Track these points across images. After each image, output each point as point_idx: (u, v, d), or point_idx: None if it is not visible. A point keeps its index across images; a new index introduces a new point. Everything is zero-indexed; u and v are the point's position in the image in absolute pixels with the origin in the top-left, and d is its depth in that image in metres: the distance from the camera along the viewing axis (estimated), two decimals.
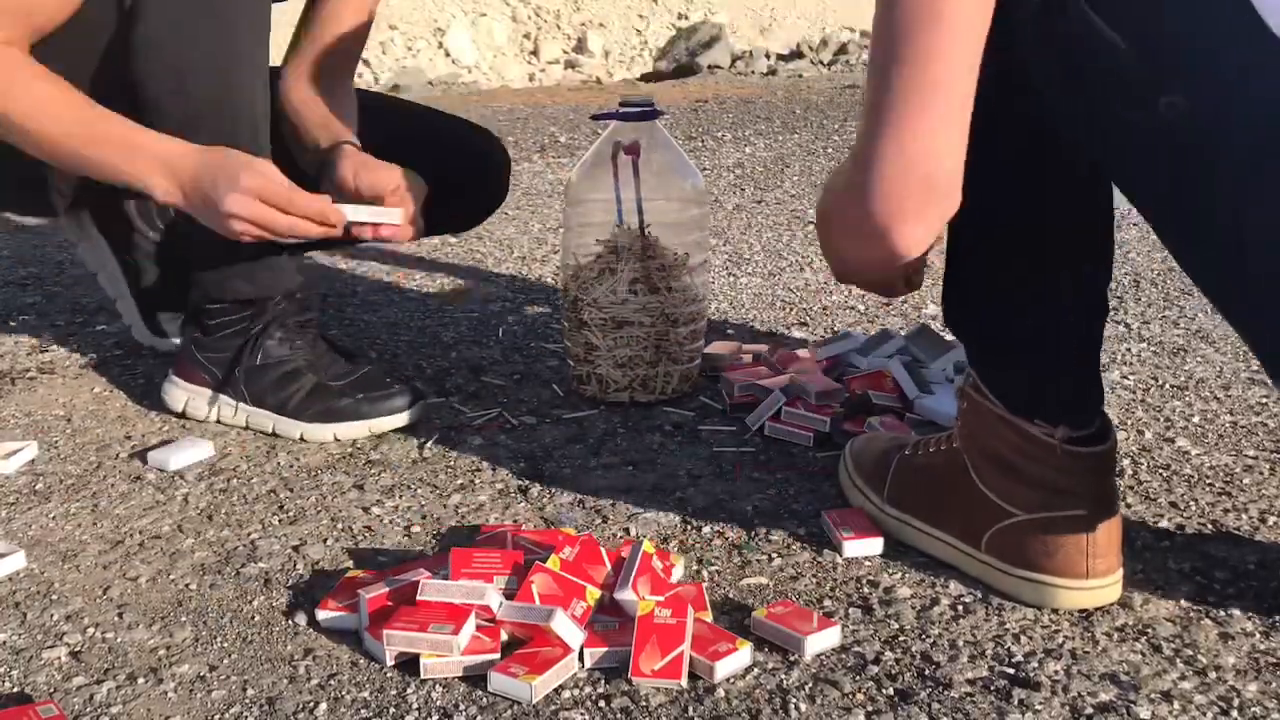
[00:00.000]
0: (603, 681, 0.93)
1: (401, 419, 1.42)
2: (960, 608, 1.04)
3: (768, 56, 5.77)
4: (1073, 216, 1.00)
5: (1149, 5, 0.84)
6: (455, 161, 1.57)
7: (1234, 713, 0.89)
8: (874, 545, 1.13)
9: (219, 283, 1.41)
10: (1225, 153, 0.83)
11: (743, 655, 0.95)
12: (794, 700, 0.91)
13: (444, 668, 0.93)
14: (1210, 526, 1.18)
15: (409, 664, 0.95)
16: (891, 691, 0.92)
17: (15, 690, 0.94)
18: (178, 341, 1.58)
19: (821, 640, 0.97)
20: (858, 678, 0.94)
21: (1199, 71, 0.83)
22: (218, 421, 1.43)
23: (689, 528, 1.19)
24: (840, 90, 4.60)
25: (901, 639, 0.99)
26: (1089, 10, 0.84)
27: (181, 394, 1.44)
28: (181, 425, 1.44)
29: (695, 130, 3.66)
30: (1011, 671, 0.94)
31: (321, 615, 1.01)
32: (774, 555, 1.13)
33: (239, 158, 1.24)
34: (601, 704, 0.91)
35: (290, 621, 1.03)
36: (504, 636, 0.97)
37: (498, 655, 0.94)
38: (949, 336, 1.64)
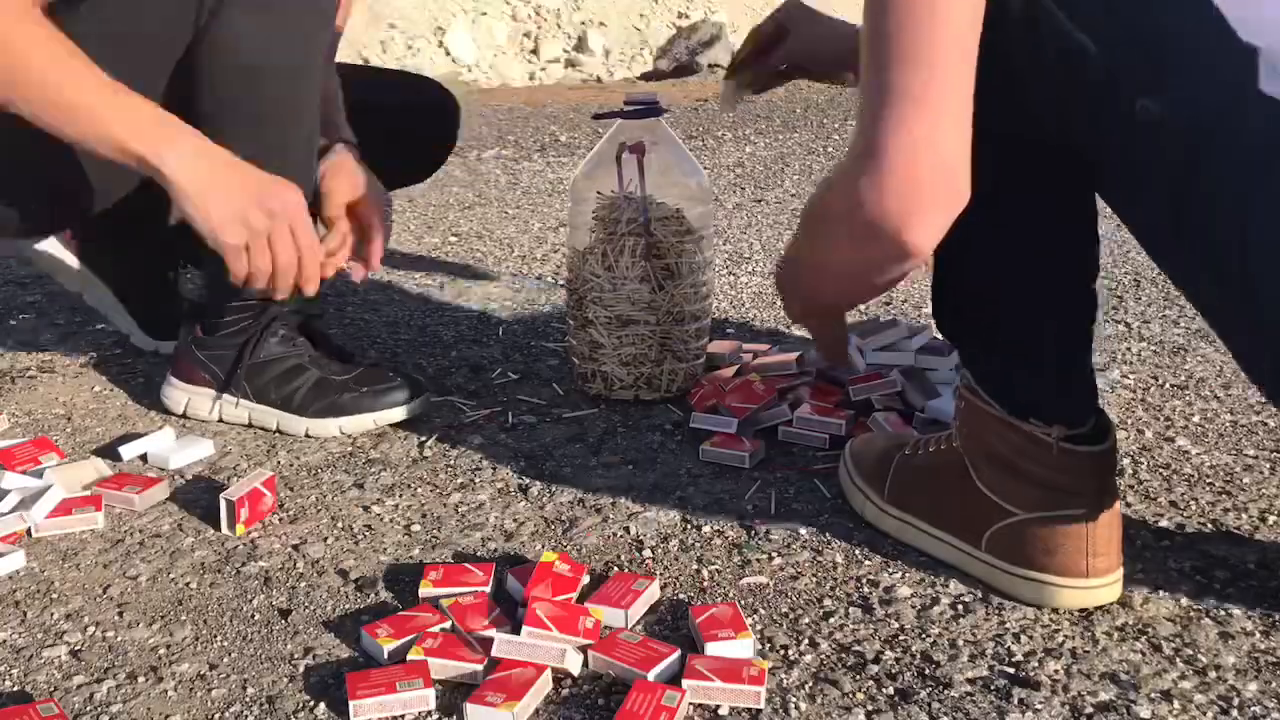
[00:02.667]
0: (603, 681, 0.93)
1: (405, 411, 1.42)
2: (960, 607, 1.04)
3: None
4: (1060, 214, 1.00)
5: (1115, 7, 0.84)
6: (409, 114, 1.67)
7: (1234, 712, 0.89)
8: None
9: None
10: (1204, 159, 0.83)
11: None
12: (794, 700, 0.91)
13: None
14: (1210, 525, 1.18)
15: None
16: (891, 691, 0.92)
17: (15, 689, 0.94)
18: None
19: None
20: (858, 677, 0.94)
21: (1172, 75, 0.83)
22: (220, 420, 1.43)
23: (689, 527, 1.19)
24: (840, 89, 4.59)
25: (901, 638, 0.99)
26: (1062, 15, 0.84)
27: (182, 395, 1.44)
28: (182, 424, 1.43)
29: (695, 129, 3.66)
30: (1011, 671, 0.94)
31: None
32: (774, 555, 1.13)
33: (282, 182, 1.20)
34: (600, 702, 0.91)
35: (290, 620, 1.03)
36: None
37: (481, 666, 0.92)
38: None
